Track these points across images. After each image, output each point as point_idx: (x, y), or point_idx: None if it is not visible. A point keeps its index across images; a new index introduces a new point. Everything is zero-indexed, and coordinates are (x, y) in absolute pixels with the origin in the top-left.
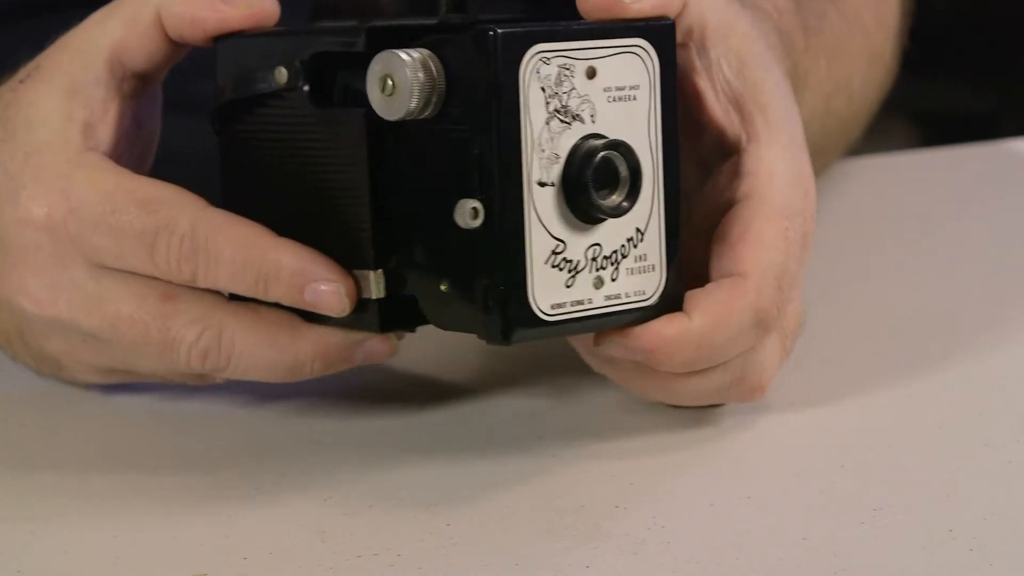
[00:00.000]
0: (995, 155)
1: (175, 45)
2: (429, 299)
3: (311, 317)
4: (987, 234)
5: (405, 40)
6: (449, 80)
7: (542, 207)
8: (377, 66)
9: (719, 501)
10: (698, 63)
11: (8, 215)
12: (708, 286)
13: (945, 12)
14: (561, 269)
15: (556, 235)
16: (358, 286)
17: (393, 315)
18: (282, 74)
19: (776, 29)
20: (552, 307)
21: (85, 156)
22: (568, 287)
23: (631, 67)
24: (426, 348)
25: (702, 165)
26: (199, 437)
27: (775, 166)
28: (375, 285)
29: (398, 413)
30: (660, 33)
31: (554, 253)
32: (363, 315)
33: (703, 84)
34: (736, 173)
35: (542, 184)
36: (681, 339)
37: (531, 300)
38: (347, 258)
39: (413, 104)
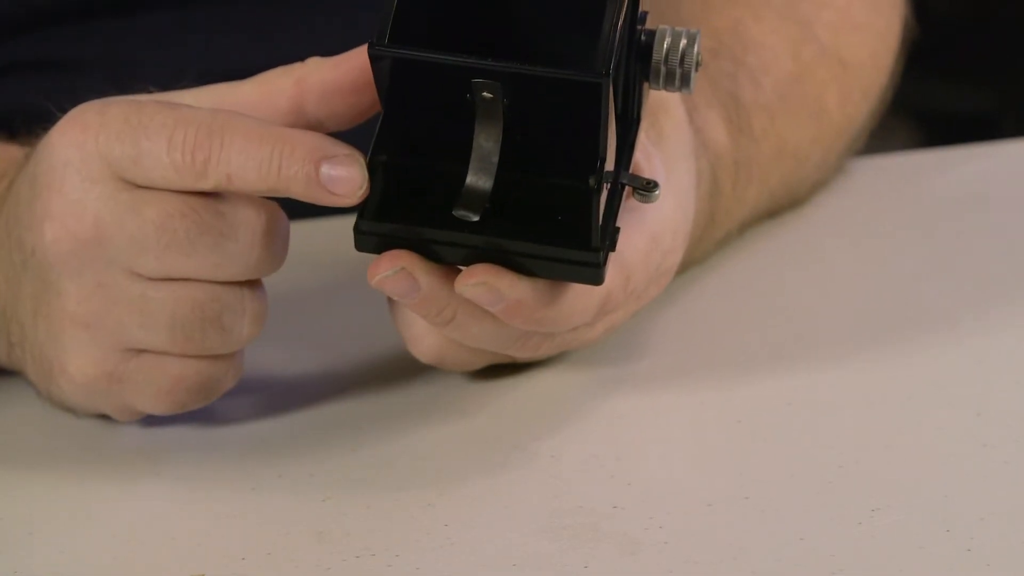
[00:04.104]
0: (996, 156)
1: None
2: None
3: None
4: (987, 235)
5: None
6: None
7: None
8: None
9: (718, 501)
10: None
11: (55, 145)
12: None
13: (946, 12)
14: None
15: None
16: None
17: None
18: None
19: (710, 166)
20: None
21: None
22: None
23: None
24: None
25: None
26: (198, 437)
27: (665, 202)
28: None
29: (397, 413)
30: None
31: None
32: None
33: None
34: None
35: None
36: (536, 301)
37: None
38: None
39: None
